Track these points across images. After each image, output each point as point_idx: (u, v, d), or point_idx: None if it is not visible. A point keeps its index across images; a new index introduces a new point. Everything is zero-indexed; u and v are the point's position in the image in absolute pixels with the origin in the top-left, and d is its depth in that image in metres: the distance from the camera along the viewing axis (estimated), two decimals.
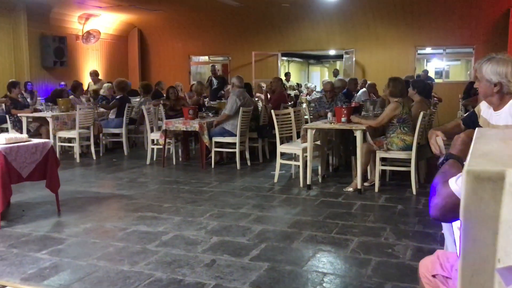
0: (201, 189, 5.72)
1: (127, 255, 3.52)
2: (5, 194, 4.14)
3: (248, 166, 7.13)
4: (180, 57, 16.22)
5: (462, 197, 1.08)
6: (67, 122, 7.94)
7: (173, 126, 7.07)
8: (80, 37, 14.33)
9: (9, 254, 3.55)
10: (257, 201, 5.17)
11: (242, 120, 6.94)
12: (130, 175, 6.61)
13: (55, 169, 4.67)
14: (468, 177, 1.06)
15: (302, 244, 3.76)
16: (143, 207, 4.90)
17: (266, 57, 15.17)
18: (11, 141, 4.33)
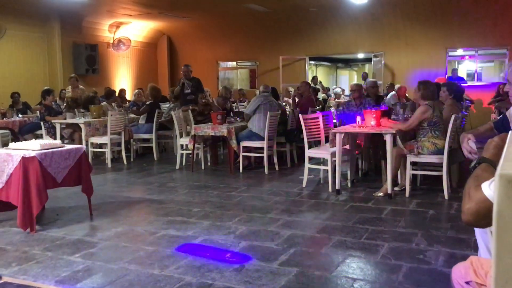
0: (230, 193, 5.75)
1: (157, 259, 3.57)
2: (41, 198, 4.26)
3: (276, 171, 7.13)
4: (208, 63, 16.39)
5: (495, 201, 1.05)
6: (99, 128, 8.12)
7: (201, 131, 7.14)
8: (111, 45, 14.66)
9: (44, 257, 3.65)
10: (285, 206, 5.16)
11: (270, 124, 6.95)
12: (160, 180, 6.71)
13: (88, 174, 4.78)
14: (501, 181, 1.04)
15: (331, 250, 3.73)
16: (173, 212, 4.96)
17: (293, 61, 15.17)
18: (45, 147, 4.46)
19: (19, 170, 4.19)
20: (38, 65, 12.50)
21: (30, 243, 3.99)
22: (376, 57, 14.27)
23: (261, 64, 15.73)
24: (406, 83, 10.97)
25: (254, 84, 15.93)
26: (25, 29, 12.14)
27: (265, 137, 6.92)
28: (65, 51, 12.99)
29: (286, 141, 7.59)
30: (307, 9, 12.93)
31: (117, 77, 15.03)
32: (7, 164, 4.28)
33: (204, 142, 7.66)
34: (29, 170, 4.21)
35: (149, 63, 16.52)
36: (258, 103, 7.12)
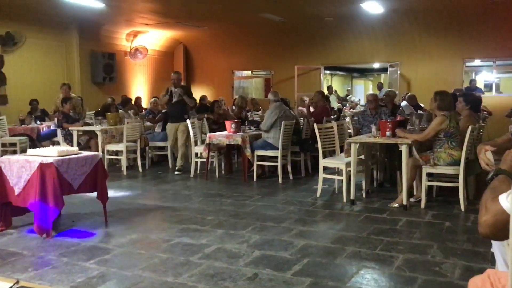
0: (243, 202, 5.76)
1: (171, 266, 3.58)
2: (57, 204, 4.31)
3: (290, 180, 7.11)
4: (224, 72, 16.48)
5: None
6: (115, 135, 8.21)
7: (216, 139, 7.17)
8: (128, 53, 14.85)
9: (60, 262, 3.69)
10: (299, 215, 5.14)
11: (284, 134, 6.95)
12: (175, 188, 6.74)
13: (104, 181, 4.83)
14: None
15: (345, 260, 3.71)
16: (187, 219, 4.98)
17: (308, 71, 15.17)
18: (62, 154, 4.52)
19: (36, 176, 4.26)
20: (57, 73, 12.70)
21: (46, 248, 4.04)
22: (392, 67, 14.21)
23: (276, 73, 15.76)
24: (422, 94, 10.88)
25: None
26: (44, 38, 12.36)
27: (279, 147, 6.91)
28: (83, 59, 13.20)
29: (300, 151, 7.57)
30: (323, 19, 12.95)
31: (133, 85, 15.20)
32: (25, 170, 4.35)
33: (219, 151, 7.69)
34: (46, 176, 4.27)
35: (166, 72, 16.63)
36: (274, 117, 7.05)
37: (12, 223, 4.67)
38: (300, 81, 14.83)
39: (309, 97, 11.63)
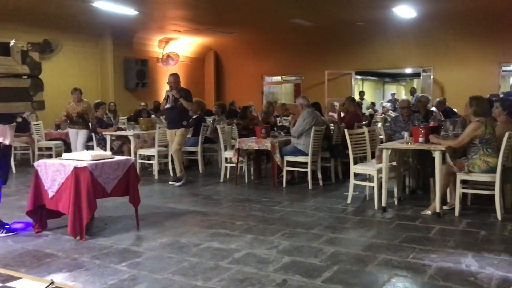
0: (273, 208, 5.75)
1: (201, 270, 3.61)
2: (91, 207, 4.41)
3: (320, 186, 7.06)
4: (253, 77, 16.56)
5: None
6: (147, 140, 8.36)
7: (245, 145, 7.20)
8: (160, 60, 15.10)
9: (92, 264, 3.77)
10: (329, 222, 5.10)
11: (314, 140, 6.91)
12: (205, 192, 6.79)
13: (136, 185, 4.92)
14: None
15: (376, 268, 3.65)
16: (217, 224, 5.00)
17: (339, 76, 15.08)
18: (96, 158, 4.63)
19: (71, 179, 4.37)
20: (91, 79, 13.04)
21: (79, 250, 4.14)
22: (425, 71, 13.96)
23: (306, 78, 15.72)
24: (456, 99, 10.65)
25: None
26: (79, 45, 12.72)
27: (309, 153, 6.88)
28: (116, 66, 13.51)
29: (330, 156, 7.51)
30: (354, 24, 12.86)
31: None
32: (59, 174, 4.47)
33: (248, 156, 7.71)
34: (80, 180, 4.37)
35: (196, 78, 16.87)
36: (307, 125, 6.96)
37: (47, 225, 4.80)
38: (331, 86, 14.74)
39: (340, 102, 11.55)
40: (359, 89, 17.88)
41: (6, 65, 1.81)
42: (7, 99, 1.86)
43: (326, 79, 14.68)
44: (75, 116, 8.44)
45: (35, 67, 1.88)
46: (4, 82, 1.85)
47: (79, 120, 8.44)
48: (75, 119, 8.45)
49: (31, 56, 1.87)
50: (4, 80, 1.85)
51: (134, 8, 10.82)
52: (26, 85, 1.89)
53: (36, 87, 1.88)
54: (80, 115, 8.45)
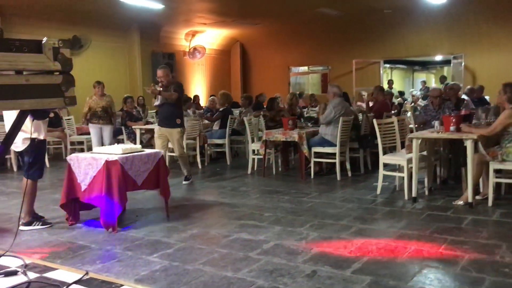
0: (301, 199, 5.75)
1: (231, 261, 3.65)
2: (122, 200, 4.51)
3: (349, 177, 7.01)
4: (280, 68, 16.50)
5: None
6: None
7: (273, 136, 7.20)
8: (187, 53, 15.21)
9: (125, 256, 3.86)
10: (358, 213, 5.06)
11: (342, 130, 6.86)
12: (233, 184, 6.84)
13: (166, 178, 5.00)
14: None
15: (407, 259, 3.61)
16: (245, 216, 5.04)
17: (367, 65, 14.88)
18: (126, 151, 4.72)
19: (102, 173, 4.47)
20: (119, 74, 13.26)
21: (112, 242, 4.24)
22: (456, 59, 13.62)
23: (334, 68, 15.57)
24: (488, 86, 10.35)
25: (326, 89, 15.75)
26: (108, 40, 12.93)
27: (337, 144, 6.83)
28: (144, 60, 13.69)
29: (359, 147, 7.44)
30: (382, 11, 12.63)
31: (192, 84, 15.57)
32: (91, 167, 4.57)
33: (275, 148, 7.71)
34: (112, 173, 4.47)
35: (223, 70, 16.94)
36: (337, 113, 6.89)
37: (80, 217, 4.93)
38: (359, 75, 14.56)
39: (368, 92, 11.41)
40: (387, 78, 17.57)
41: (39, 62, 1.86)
42: (40, 95, 1.91)
43: (353, 69, 14.50)
44: (100, 110, 8.22)
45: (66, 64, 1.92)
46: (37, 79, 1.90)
47: (104, 114, 8.23)
48: (100, 113, 8.21)
49: (63, 53, 1.92)
50: (37, 77, 1.90)
51: (160, 2, 10.92)
52: (58, 81, 1.94)
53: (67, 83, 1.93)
54: (104, 109, 8.25)
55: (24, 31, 10.21)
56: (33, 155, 4.61)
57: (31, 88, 1.87)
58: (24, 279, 3.38)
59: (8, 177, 7.89)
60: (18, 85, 1.87)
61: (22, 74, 1.89)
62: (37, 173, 4.70)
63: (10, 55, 1.82)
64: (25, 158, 4.63)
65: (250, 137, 7.90)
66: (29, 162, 4.60)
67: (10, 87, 1.84)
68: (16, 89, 1.86)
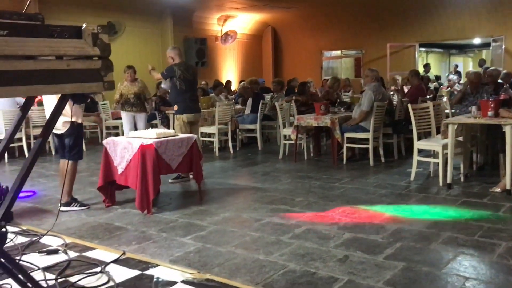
0: (333, 185, 5.73)
1: (263, 245, 3.70)
2: (156, 183, 4.61)
3: (382, 163, 6.94)
4: (312, 52, 16.34)
5: None
6: (208, 118, 8.52)
7: (304, 121, 7.17)
8: (219, 38, 15.24)
9: (159, 237, 3.96)
10: (391, 199, 5.02)
11: (376, 115, 6.77)
12: (264, 169, 6.88)
13: (199, 162, 5.08)
14: None
15: (441, 246, 3.57)
16: (277, 200, 5.08)
17: (402, 48, 14.57)
18: (161, 136, 4.81)
19: (137, 156, 4.58)
20: (153, 59, 13.38)
21: (147, 224, 4.35)
22: (496, 41, 13.15)
23: (367, 52, 15.32)
24: None
25: (359, 73, 15.57)
26: (141, 26, 13.09)
27: (370, 129, 6.75)
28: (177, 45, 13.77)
29: (393, 132, 7.34)
30: None
31: (224, 69, 15.63)
32: (127, 151, 4.69)
33: (307, 133, 7.69)
34: (147, 157, 4.57)
35: (254, 55, 16.91)
36: (372, 101, 6.75)
37: (116, 199, 5.07)
38: (393, 59, 14.28)
39: (402, 76, 11.19)
40: (423, 62, 17.16)
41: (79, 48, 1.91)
42: (80, 80, 1.97)
43: (388, 52, 14.23)
44: (132, 97, 7.68)
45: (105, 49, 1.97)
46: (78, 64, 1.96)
47: (137, 101, 7.72)
48: (133, 100, 7.68)
49: (101, 38, 1.97)
50: (77, 62, 1.96)
51: None
52: (98, 66, 1.99)
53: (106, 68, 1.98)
54: (137, 95, 7.71)
55: (60, 17, 10.46)
56: (73, 138, 4.79)
57: (71, 73, 1.93)
58: (65, 257, 3.52)
59: (47, 160, 8.17)
60: (59, 70, 1.93)
61: (62, 60, 1.95)
62: (78, 155, 4.89)
63: (52, 40, 1.88)
64: (65, 141, 4.80)
65: (281, 122, 7.90)
66: (70, 144, 4.79)
67: (52, 72, 1.90)
68: (57, 74, 1.92)
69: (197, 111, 6.33)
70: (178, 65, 6.07)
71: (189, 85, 6.15)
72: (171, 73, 6.12)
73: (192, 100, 6.22)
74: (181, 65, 6.11)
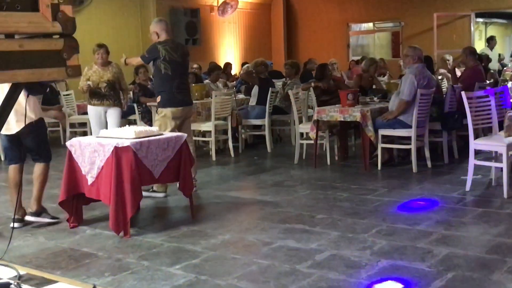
0: (364, 197, 5.73)
1: (273, 276, 3.70)
2: (135, 197, 4.62)
3: (428, 169, 6.93)
4: (336, 26, 16.32)
5: None
6: (201, 112, 8.53)
7: (327, 115, 7.16)
8: (215, 8, 15.23)
9: (140, 267, 3.97)
10: (441, 215, 5.02)
11: (420, 106, 6.75)
12: (275, 177, 6.88)
13: (189, 169, 5.08)
14: None
15: (506, 276, 3.56)
16: (291, 218, 5.07)
17: (453, 19, 14.53)
18: (141, 135, 4.81)
19: (111, 162, 4.58)
20: (130, 35, 13.44)
21: (124, 249, 4.37)
22: None
23: (407, 24, 15.28)
24: None
25: (398, 52, 15.54)
26: None
27: (413, 124, 6.74)
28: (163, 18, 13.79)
29: (442, 129, 7.32)
30: None
31: (221, 48, 15.63)
32: (98, 156, 4.70)
33: (330, 130, 7.68)
34: (123, 163, 4.58)
35: (261, 30, 16.88)
36: (419, 84, 6.74)
37: (84, 218, 5.09)
38: (442, 34, 14.23)
39: (455, 55, 11.14)
40: (480, 36, 17.10)
41: (35, 23, 1.90)
42: (36, 65, 1.96)
43: (435, 25, 14.17)
44: (105, 86, 7.25)
45: (68, 24, 1.96)
46: (33, 44, 1.95)
47: (110, 92, 7.29)
48: (105, 90, 7.26)
49: (63, 11, 1.96)
50: (32, 41, 1.95)
51: None
52: (59, 47, 1.98)
53: (70, 48, 1.97)
54: (111, 84, 7.28)
55: None
56: (36, 137, 4.93)
57: (25, 56, 1.93)
58: None
59: None
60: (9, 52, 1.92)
61: (14, 38, 1.95)
62: (47, 155, 5.07)
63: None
64: (27, 142, 4.93)
65: (297, 117, 7.89)
66: (35, 145, 4.96)
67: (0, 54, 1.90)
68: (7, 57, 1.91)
69: (186, 104, 6.26)
70: (164, 43, 6.07)
71: (176, 70, 6.12)
72: (154, 54, 6.07)
73: (180, 89, 6.15)
74: (167, 43, 6.10)
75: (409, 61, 7.04)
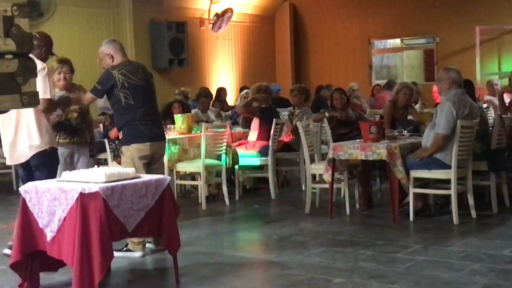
0: (394, 255, 5.70)
1: None
2: (105, 257, 4.56)
3: (472, 220, 6.91)
4: (356, 42, 16.47)
5: None
6: (188, 149, 8.52)
7: (345, 152, 7.16)
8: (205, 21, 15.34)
9: None
10: (490, 278, 4.98)
11: (462, 142, 6.75)
12: (281, 231, 6.84)
13: (174, 220, 5.04)
14: None
15: None
16: (302, 282, 5.03)
17: (499, 34, 14.69)
18: (113, 178, 4.78)
19: (75, 212, 4.55)
20: None
21: None
22: None
23: (443, 40, 15.44)
24: None
25: (432, 75, 15.64)
26: (82, 5, 13.26)
27: (452, 164, 6.73)
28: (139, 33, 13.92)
29: (489, 170, 7.31)
30: None
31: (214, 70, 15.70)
32: (59, 204, 4.66)
33: (350, 171, 7.67)
34: (89, 213, 4.53)
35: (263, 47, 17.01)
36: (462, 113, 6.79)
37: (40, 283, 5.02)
38: (485, 51, 14.36)
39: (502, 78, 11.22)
40: None
41: None
42: None
43: (477, 41, 14.33)
44: (76, 116, 6.89)
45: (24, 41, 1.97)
46: None
47: (82, 125, 6.98)
48: (75, 123, 6.89)
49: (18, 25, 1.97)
50: None
51: None
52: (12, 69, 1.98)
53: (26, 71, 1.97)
54: (83, 114, 6.97)
55: None
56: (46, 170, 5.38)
57: None
58: None
59: None
60: None
61: None
62: None
63: None
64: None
65: (308, 154, 7.88)
66: None
67: None
68: None
69: (156, 138, 6.16)
70: (119, 67, 6.00)
71: (140, 96, 6.04)
72: (109, 83, 5.97)
73: (146, 120, 6.05)
74: (123, 66, 6.04)
75: (444, 86, 7.04)
